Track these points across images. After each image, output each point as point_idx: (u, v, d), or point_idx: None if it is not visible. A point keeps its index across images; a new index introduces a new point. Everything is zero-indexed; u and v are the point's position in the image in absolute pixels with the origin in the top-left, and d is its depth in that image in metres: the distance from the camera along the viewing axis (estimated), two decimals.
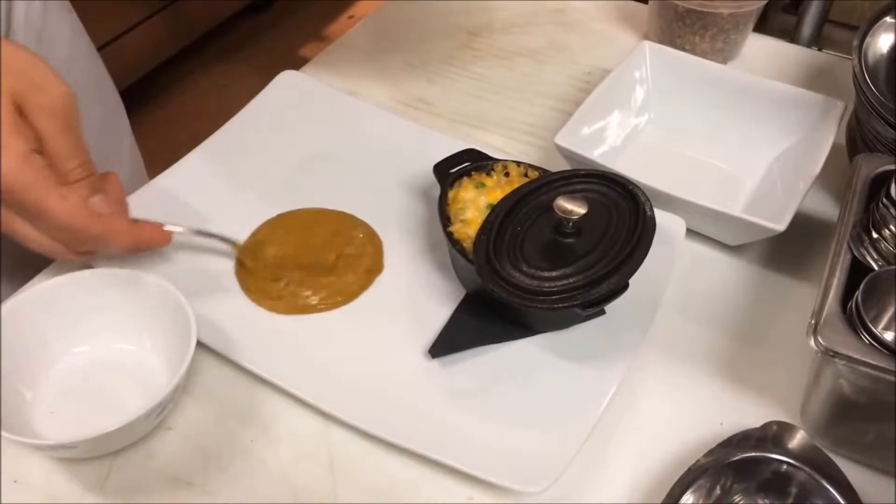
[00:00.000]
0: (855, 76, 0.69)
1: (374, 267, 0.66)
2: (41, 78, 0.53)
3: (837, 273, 0.55)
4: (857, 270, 0.55)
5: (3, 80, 0.52)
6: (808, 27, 1.08)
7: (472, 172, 0.67)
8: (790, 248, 0.69)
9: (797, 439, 0.53)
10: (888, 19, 0.72)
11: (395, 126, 0.77)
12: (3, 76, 0.52)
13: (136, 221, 0.60)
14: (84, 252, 0.59)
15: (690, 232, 0.67)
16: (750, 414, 0.58)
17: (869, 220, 0.57)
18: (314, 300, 0.63)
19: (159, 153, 0.92)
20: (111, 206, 0.57)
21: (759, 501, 0.52)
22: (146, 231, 0.60)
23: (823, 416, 0.55)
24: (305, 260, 0.66)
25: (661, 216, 0.61)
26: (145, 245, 0.60)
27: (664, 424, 0.59)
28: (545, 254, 0.58)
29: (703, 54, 0.85)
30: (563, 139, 0.70)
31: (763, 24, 0.91)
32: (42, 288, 0.58)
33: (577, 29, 0.95)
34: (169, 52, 2.23)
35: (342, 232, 0.69)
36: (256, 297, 0.64)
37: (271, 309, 0.63)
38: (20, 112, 0.52)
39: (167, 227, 0.62)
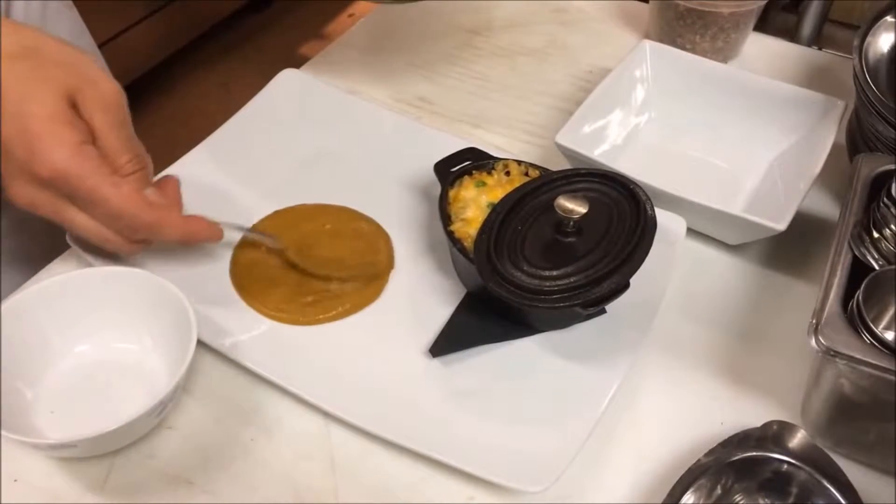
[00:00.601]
0: (855, 75, 0.69)
1: (388, 267, 0.66)
2: (91, 73, 0.55)
3: (838, 272, 0.55)
4: (858, 270, 0.55)
5: (57, 75, 0.53)
6: (808, 26, 1.07)
7: (473, 171, 0.67)
8: (790, 248, 0.69)
9: (798, 439, 0.53)
10: (889, 19, 0.72)
11: (395, 125, 0.77)
12: (56, 70, 0.54)
13: (188, 216, 0.61)
14: (137, 241, 0.59)
15: (691, 231, 0.67)
16: (750, 413, 0.58)
17: (870, 220, 0.57)
18: (331, 314, 0.63)
19: (159, 151, 0.91)
20: (164, 200, 0.59)
21: (760, 501, 0.52)
22: (198, 224, 0.61)
23: (824, 415, 0.55)
24: (351, 260, 0.66)
25: (661, 215, 0.61)
26: (197, 238, 0.61)
27: (665, 424, 0.59)
28: (546, 253, 0.58)
29: (704, 53, 0.85)
30: (563, 138, 0.70)
31: (763, 24, 0.91)
32: (43, 286, 0.58)
33: (577, 28, 0.95)
34: (169, 51, 2.23)
35: (348, 227, 0.69)
36: (269, 313, 0.63)
37: (283, 321, 0.63)
38: (73, 106, 0.54)
39: (218, 224, 0.62)
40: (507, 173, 0.67)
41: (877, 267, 0.55)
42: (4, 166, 0.54)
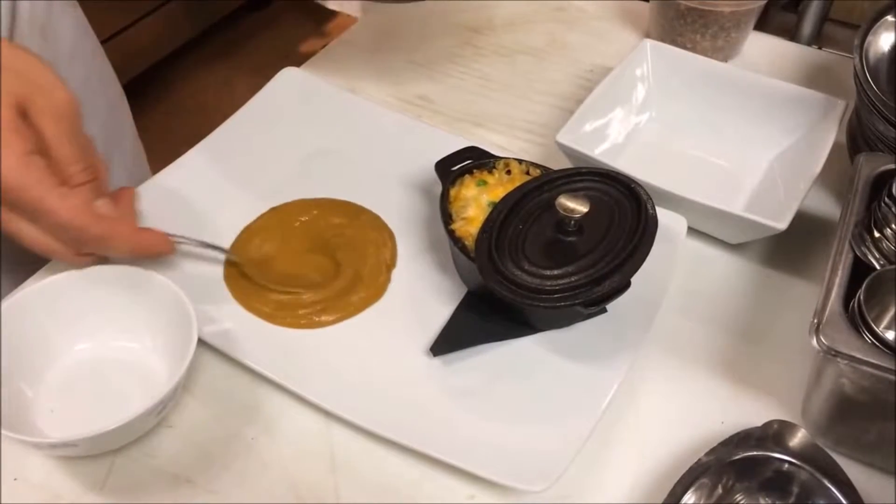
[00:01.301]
0: (856, 75, 0.69)
1: (391, 264, 0.67)
2: (45, 81, 0.54)
3: (839, 272, 0.55)
4: (859, 270, 0.55)
5: (6, 82, 0.52)
6: (808, 26, 1.07)
7: (474, 170, 0.67)
8: (791, 247, 0.69)
9: (798, 438, 0.53)
10: (889, 18, 0.72)
11: (396, 124, 0.77)
12: (6, 78, 0.52)
13: (141, 228, 0.60)
14: (86, 254, 0.59)
15: (692, 230, 0.67)
16: (751, 412, 0.58)
17: (871, 220, 0.57)
18: (331, 318, 0.63)
19: (159, 147, 0.92)
20: (116, 212, 0.58)
21: (761, 500, 0.52)
22: (149, 237, 0.60)
23: (825, 415, 0.55)
24: (308, 268, 0.66)
25: (662, 214, 0.61)
26: (147, 251, 0.60)
27: (665, 423, 0.59)
28: (547, 252, 0.58)
29: (704, 52, 0.85)
30: (564, 137, 0.70)
31: (763, 23, 0.91)
32: (43, 285, 0.58)
33: (578, 27, 0.95)
34: (170, 48, 2.23)
35: (346, 219, 0.69)
36: (276, 320, 0.63)
37: (289, 326, 0.63)
38: (23, 114, 0.53)
39: (171, 237, 0.62)
40: (508, 172, 0.67)
41: (878, 266, 0.55)
42: None
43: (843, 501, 0.51)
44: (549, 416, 0.57)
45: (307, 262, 0.66)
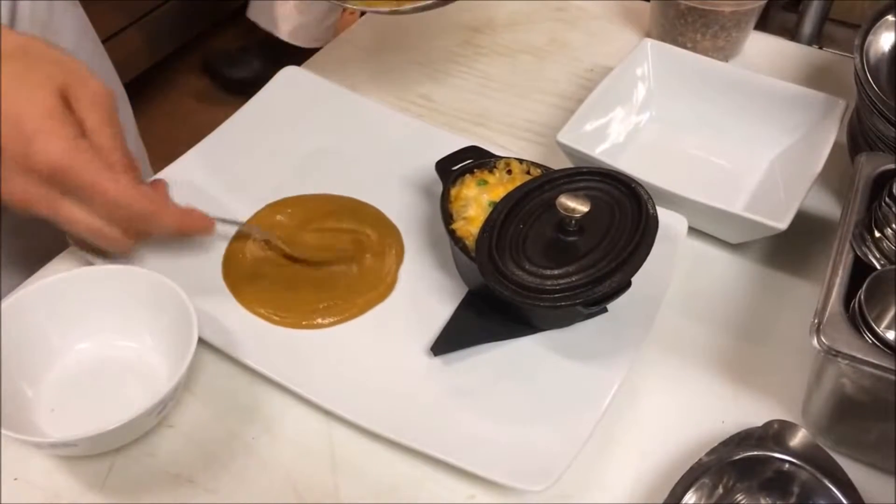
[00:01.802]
0: (856, 74, 0.69)
1: (399, 259, 0.67)
2: (82, 72, 0.56)
3: (840, 272, 0.55)
4: (860, 269, 0.55)
5: (50, 72, 0.54)
6: (808, 25, 1.07)
7: (475, 170, 0.67)
8: (792, 247, 0.69)
9: (799, 438, 0.53)
10: (889, 18, 0.72)
11: (397, 123, 0.77)
12: (47, 68, 0.54)
13: (184, 207, 0.62)
14: (133, 234, 0.60)
15: (692, 230, 0.67)
16: (752, 412, 0.58)
17: (871, 219, 0.57)
18: (333, 319, 0.63)
19: (160, 147, 0.92)
20: (158, 196, 0.60)
21: (762, 500, 0.52)
22: (193, 216, 0.61)
23: (825, 415, 0.55)
24: (337, 242, 0.67)
25: (663, 214, 0.61)
26: (191, 229, 0.62)
27: (666, 423, 0.59)
28: (548, 252, 0.58)
29: (705, 52, 0.85)
30: (565, 136, 0.70)
31: (764, 22, 0.91)
32: (44, 284, 0.58)
33: (578, 26, 0.95)
34: (170, 48, 2.23)
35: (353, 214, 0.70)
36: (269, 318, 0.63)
37: (291, 326, 0.63)
38: (66, 103, 0.54)
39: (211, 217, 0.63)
40: (509, 172, 0.67)
41: (878, 266, 0.55)
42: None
43: (844, 501, 0.51)
44: (549, 416, 0.57)
45: (331, 238, 0.68)
